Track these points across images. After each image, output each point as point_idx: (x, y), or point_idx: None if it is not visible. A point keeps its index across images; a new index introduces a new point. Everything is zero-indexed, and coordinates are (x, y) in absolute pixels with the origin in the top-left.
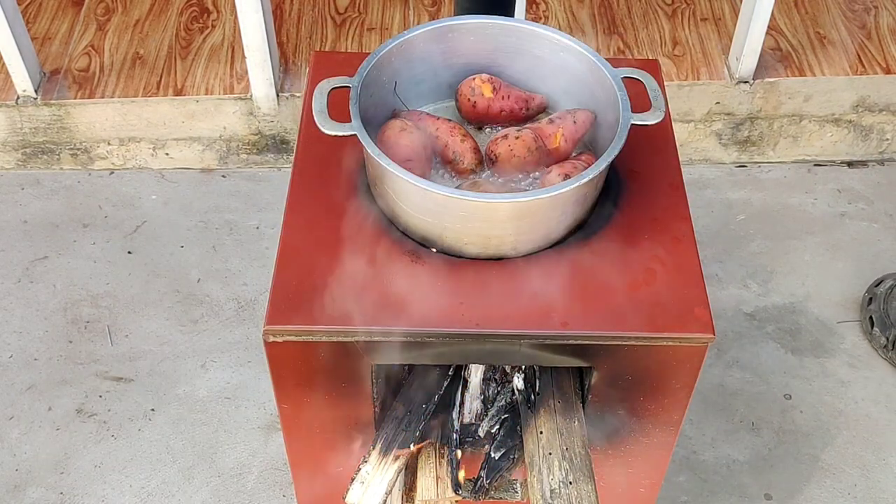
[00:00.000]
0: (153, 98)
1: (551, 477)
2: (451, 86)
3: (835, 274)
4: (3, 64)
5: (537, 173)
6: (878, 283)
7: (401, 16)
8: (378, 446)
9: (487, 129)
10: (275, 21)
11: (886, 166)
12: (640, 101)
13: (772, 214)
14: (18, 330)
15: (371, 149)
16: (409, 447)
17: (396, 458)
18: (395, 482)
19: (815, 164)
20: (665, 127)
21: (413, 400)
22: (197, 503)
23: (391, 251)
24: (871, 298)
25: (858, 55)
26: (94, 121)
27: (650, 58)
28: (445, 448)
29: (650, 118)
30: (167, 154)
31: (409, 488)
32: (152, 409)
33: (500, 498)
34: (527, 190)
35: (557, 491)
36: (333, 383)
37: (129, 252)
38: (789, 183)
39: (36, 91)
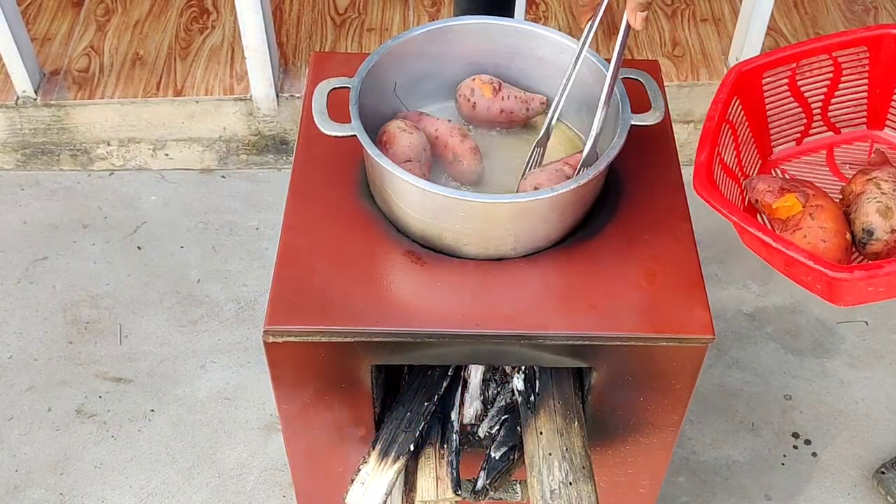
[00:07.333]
0: (153, 99)
1: (551, 477)
2: (450, 86)
3: None
4: (3, 64)
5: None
6: None
7: (401, 16)
8: (378, 447)
9: (487, 130)
10: (274, 22)
11: None
12: (640, 101)
13: None
14: (18, 331)
15: (371, 149)
16: (409, 449)
17: (396, 458)
18: (394, 483)
19: None
20: (665, 127)
21: (413, 400)
22: None
23: (391, 251)
24: None
25: None
26: (93, 121)
27: (650, 58)
28: (445, 449)
29: (650, 119)
30: (167, 155)
31: (409, 489)
32: (152, 410)
33: (500, 498)
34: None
35: (557, 491)
36: (333, 384)
37: (129, 253)
38: None
39: (36, 92)
